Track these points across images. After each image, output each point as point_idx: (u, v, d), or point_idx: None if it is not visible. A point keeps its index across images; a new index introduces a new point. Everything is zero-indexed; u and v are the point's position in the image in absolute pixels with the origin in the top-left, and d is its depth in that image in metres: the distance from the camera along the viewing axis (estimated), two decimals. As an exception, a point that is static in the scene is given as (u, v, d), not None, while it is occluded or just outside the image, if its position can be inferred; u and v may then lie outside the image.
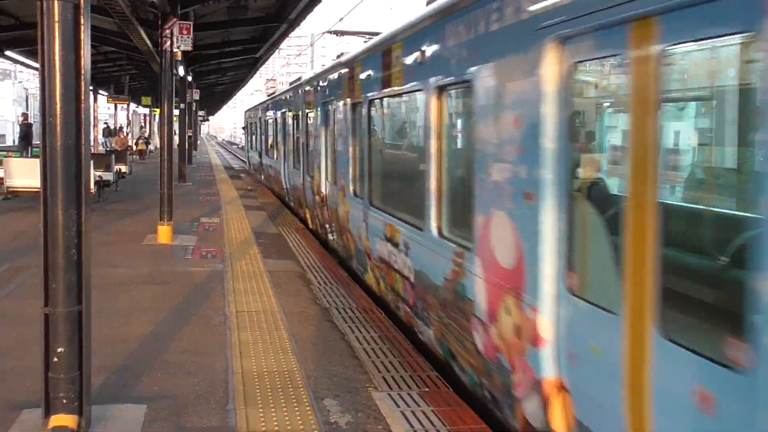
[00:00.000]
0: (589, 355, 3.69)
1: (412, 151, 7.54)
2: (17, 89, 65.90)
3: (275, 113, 19.89)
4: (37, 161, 13.65)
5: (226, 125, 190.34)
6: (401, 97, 7.50)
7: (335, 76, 10.66)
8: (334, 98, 10.68)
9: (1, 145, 26.48)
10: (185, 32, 14.33)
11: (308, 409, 4.89)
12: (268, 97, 26.15)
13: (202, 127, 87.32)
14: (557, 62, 3.92)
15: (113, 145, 33.30)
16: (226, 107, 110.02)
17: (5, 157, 16.12)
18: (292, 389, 5.24)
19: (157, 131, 39.13)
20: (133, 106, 45.14)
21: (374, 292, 8.36)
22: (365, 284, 8.81)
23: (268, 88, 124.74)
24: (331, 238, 11.30)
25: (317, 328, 6.87)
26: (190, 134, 32.67)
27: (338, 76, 10.36)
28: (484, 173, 4.85)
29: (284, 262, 10.19)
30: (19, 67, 41.03)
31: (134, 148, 37.70)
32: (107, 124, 45.71)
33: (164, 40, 12.53)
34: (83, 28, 4.18)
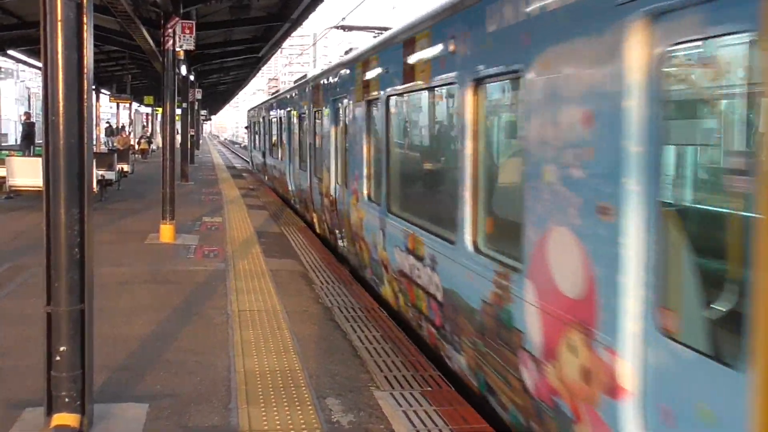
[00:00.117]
0: (694, 417, 2.91)
1: (439, 153, 6.86)
2: (19, 88, 65.93)
3: (280, 112, 19.27)
4: (39, 160, 13.69)
5: (228, 125, 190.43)
6: (427, 92, 6.73)
7: (347, 71, 9.89)
8: (345, 95, 9.94)
9: (3, 144, 26.48)
10: (188, 31, 14.33)
11: (310, 408, 4.89)
12: (272, 95, 25.64)
13: (204, 126, 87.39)
14: (646, 45, 3.17)
15: (115, 144, 33.34)
16: (228, 107, 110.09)
17: (7, 156, 16.13)
18: (294, 388, 5.24)
19: (159, 130, 39.22)
20: (135, 105, 45.19)
21: (392, 306, 7.62)
22: (381, 298, 8.08)
23: (270, 87, 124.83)
24: (341, 244, 10.67)
25: (319, 327, 6.87)
26: (192, 133, 32.71)
27: (351, 71, 9.60)
28: (538, 180, 4.06)
29: (286, 261, 10.19)
30: (21, 66, 41.07)
31: (136, 147, 37.74)
32: (109, 123, 45.76)
33: (167, 39, 12.54)
34: (86, 27, 4.19)
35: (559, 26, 3.86)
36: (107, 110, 54.21)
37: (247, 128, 37.69)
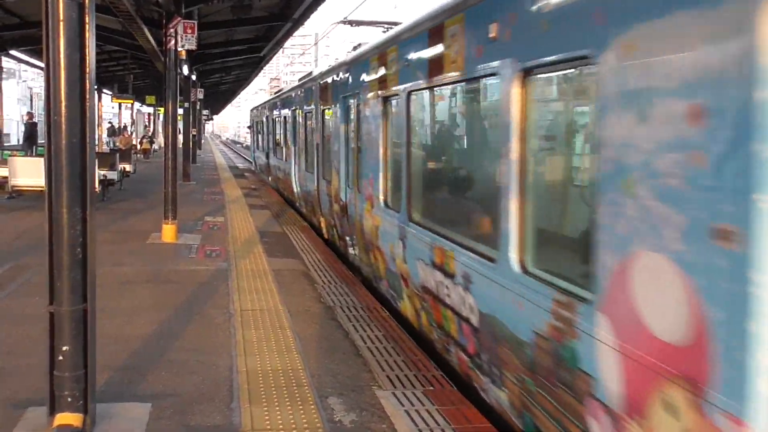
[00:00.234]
0: None
1: (473, 155, 6.21)
2: (21, 88, 66.03)
3: (285, 111, 18.51)
4: (41, 160, 13.71)
5: (230, 124, 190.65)
6: (459, 85, 5.97)
7: (360, 66, 9.14)
8: (358, 92, 9.19)
9: (5, 144, 26.51)
10: (189, 31, 14.33)
11: (312, 407, 4.90)
12: (276, 93, 24.91)
13: (206, 126, 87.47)
14: None
15: (117, 144, 33.36)
16: (230, 106, 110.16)
17: (10, 156, 16.15)
18: (296, 388, 5.24)
19: (161, 130, 39.27)
20: (137, 105, 45.21)
21: (412, 324, 6.94)
22: (399, 314, 7.39)
23: (272, 87, 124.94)
24: (352, 252, 9.92)
25: (321, 326, 6.87)
26: (194, 133, 32.74)
27: (364, 66, 8.85)
28: (619, 192, 3.29)
29: (288, 260, 10.19)
30: (23, 66, 41.14)
31: (138, 147, 37.76)
32: (111, 123, 45.80)
33: (168, 39, 12.55)
34: (88, 27, 4.19)
35: None
36: (109, 110, 54.27)
37: (249, 128, 37.18)
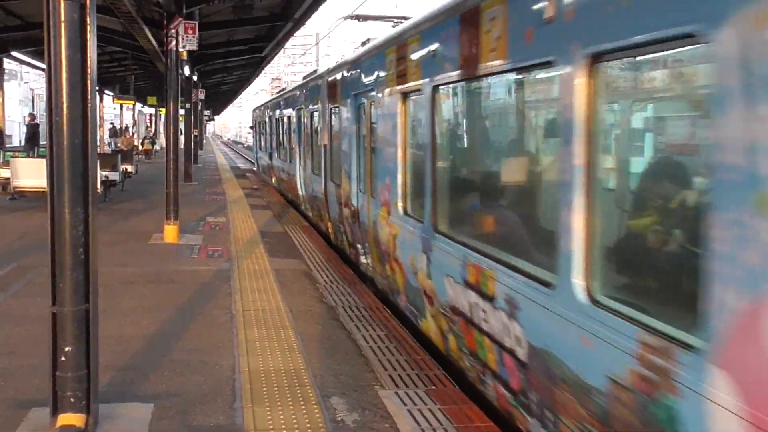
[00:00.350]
0: None
1: (519, 157, 5.38)
2: (23, 90, 66.14)
3: (289, 110, 17.74)
4: (43, 161, 13.64)
5: (231, 125, 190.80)
6: (502, 77, 5.11)
7: (374, 60, 8.40)
8: (372, 88, 8.47)
9: (7, 145, 26.52)
10: (190, 32, 14.36)
11: (315, 407, 4.90)
12: (279, 92, 24.14)
13: (207, 126, 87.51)
14: None
15: (119, 144, 33.39)
16: (231, 107, 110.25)
17: (12, 157, 16.18)
18: (298, 387, 5.24)
19: (162, 131, 39.29)
20: (138, 105, 45.24)
21: (436, 345, 6.27)
22: (421, 333, 6.71)
23: (273, 87, 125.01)
24: (364, 261, 9.28)
25: (323, 326, 6.88)
26: (195, 134, 32.76)
27: (379, 59, 8.10)
28: (747, 209, 2.58)
29: (290, 260, 10.20)
30: (25, 67, 41.22)
31: (140, 147, 37.79)
32: (113, 124, 45.84)
33: (169, 39, 12.56)
34: (89, 27, 4.20)
35: None
36: (111, 111, 54.34)
37: (252, 128, 36.82)
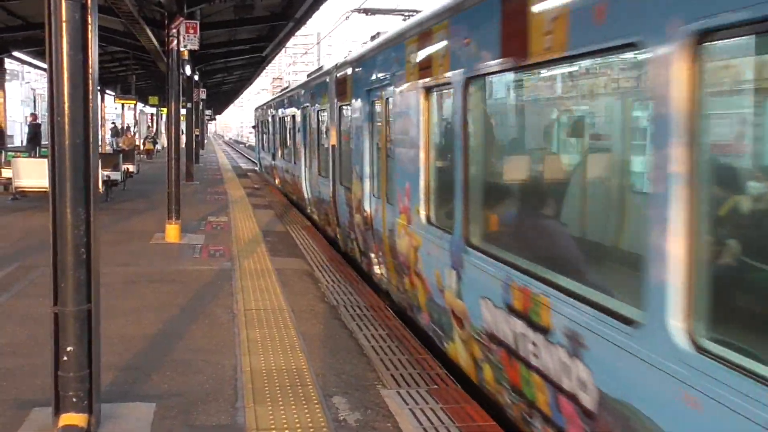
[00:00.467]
0: None
1: (583, 161, 4.69)
2: (25, 90, 66.21)
3: (294, 109, 17.07)
4: (44, 161, 13.71)
5: (232, 124, 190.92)
6: (560, 65, 4.31)
7: (390, 53, 7.66)
8: (388, 83, 7.71)
9: (9, 145, 26.57)
10: (192, 31, 14.38)
11: (317, 406, 4.90)
12: (283, 90, 23.62)
13: (208, 126, 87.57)
14: None
15: (121, 144, 33.43)
16: (232, 106, 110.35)
17: (13, 157, 16.20)
18: (300, 387, 5.24)
19: (164, 130, 39.29)
20: (140, 105, 45.28)
21: (467, 373, 5.59)
22: (444, 355, 6.09)
23: (274, 87, 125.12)
24: (377, 272, 8.64)
25: (325, 325, 6.88)
26: (197, 133, 32.77)
27: (396, 51, 7.36)
28: None
29: (292, 260, 10.20)
30: (26, 67, 41.26)
31: (141, 147, 37.83)
32: (115, 124, 45.88)
33: (171, 39, 12.56)
34: (91, 27, 4.20)
35: None
36: (112, 111, 54.38)
37: (254, 128, 36.37)
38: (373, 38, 9.77)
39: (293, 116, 17.35)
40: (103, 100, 39.05)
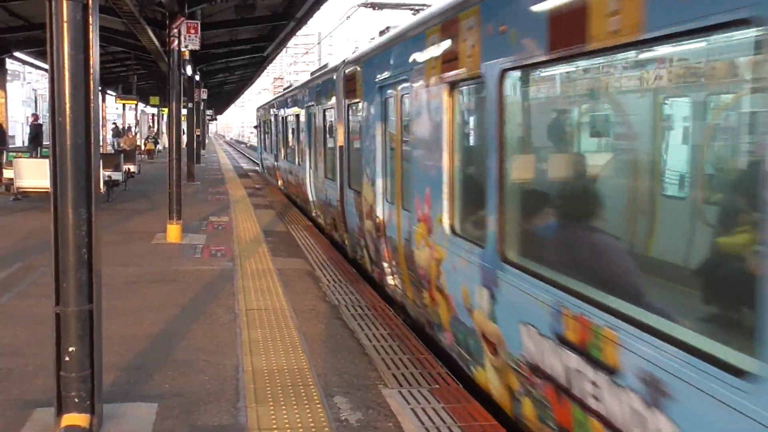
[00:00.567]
0: None
1: (672, 164, 3.82)
2: (26, 90, 66.31)
3: (298, 108, 16.42)
4: (46, 161, 13.73)
5: (233, 124, 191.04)
6: (629, 52, 3.56)
7: (406, 45, 7.02)
8: (404, 78, 7.04)
9: (11, 146, 26.60)
10: (193, 31, 14.39)
11: (319, 406, 4.90)
12: (286, 89, 22.97)
13: (210, 126, 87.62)
14: None
15: (122, 144, 33.45)
16: (233, 106, 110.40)
17: (15, 157, 16.21)
18: (302, 387, 5.24)
19: (165, 131, 39.33)
20: (141, 105, 45.31)
21: (501, 406, 4.94)
22: (472, 383, 5.46)
23: (275, 86, 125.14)
24: (391, 283, 8.05)
25: (327, 325, 6.88)
26: (198, 133, 32.78)
27: (414, 43, 6.69)
28: None
29: (293, 260, 10.20)
30: (27, 68, 41.32)
31: (143, 147, 37.86)
32: (116, 124, 45.92)
33: (172, 39, 12.57)
34: (92, 27, 4.20)
35: None
36: (113, 111, 54.43)
37: (256, 127, 36.02)
38: (382, 33, 9.29)
39: (297, 115, 16.74)
40: (104, 100, 39.08)
